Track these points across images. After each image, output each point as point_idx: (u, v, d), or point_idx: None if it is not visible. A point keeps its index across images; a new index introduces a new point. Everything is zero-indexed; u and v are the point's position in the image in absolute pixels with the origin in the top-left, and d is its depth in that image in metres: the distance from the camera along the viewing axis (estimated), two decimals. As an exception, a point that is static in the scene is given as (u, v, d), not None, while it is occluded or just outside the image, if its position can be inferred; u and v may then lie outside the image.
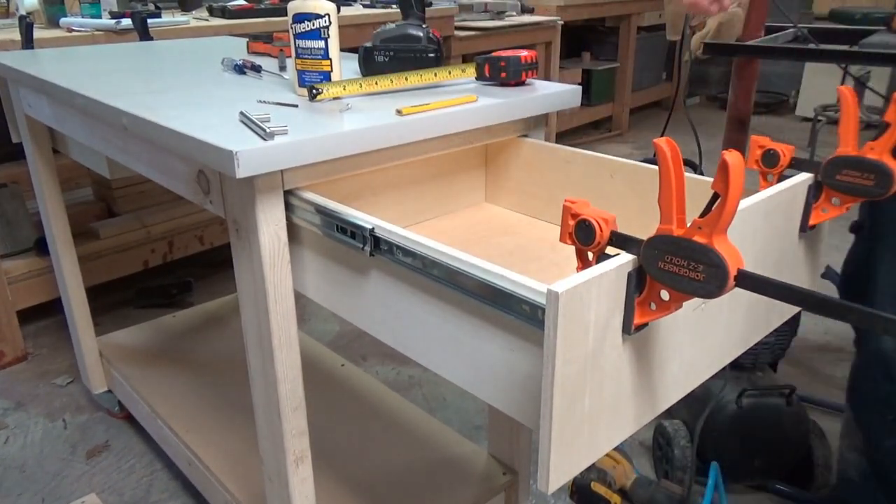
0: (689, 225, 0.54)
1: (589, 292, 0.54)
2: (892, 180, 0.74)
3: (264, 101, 0.97)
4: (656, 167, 0.55)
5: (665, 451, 1.46)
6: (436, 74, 1.04)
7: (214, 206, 0.89)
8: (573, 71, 4.03)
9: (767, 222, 0.74)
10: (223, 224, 2.32)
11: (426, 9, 1.68)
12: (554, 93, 1.04)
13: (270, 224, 0.82)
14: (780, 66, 4.98)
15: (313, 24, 0.94)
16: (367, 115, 0.90)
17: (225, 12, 2.20)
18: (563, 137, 3.95)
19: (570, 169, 1.02)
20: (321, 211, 0.79)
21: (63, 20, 1.92)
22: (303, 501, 0.98)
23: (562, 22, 3.52)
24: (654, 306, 0.57)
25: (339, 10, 0.98)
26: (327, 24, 0.95)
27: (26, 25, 1.59)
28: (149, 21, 1.83)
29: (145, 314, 2.20)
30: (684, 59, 1.83)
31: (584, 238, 0.59)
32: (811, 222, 0.80)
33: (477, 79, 1.09)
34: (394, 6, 2.68)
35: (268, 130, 0.78)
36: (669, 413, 1.57)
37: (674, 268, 0.54)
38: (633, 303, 0.58)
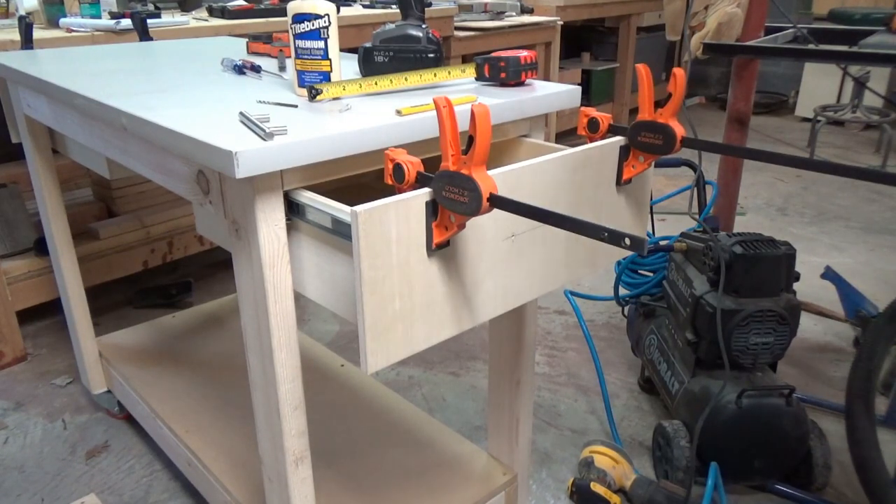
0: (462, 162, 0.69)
1: (387, 214, 0.69)
2: (674, 139, 0.89)
3: (264, 102, 0.97)
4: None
5: (665, 451, 1.46)
6: (435, 75, 1.04)
7: (214, 207, 0.89)
8: (573, 71, 4.03)
9: (578, 174, 0.89)
10: (223, 224, 2.32)
11: (426, 9, 1.68)
12: (553, 93, 1.04)
13: (270, 224, 0.82)
14: (780, 66, 4.98)
15: (313, 25, 0.94)
16: (366, 115, 0.90)
17: (225, 12, 2.20)
18: (562, 137, 3.96)
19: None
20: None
21: (63, 20, 1.92)
22: (302, 501, 0.98)
23: (561, 22, 3.52)
24: (447, 228, 0.74)
25: (338, 11, 0.98)
26: (327, 24, 0.95)
27: (26, 25, 1.59)
28: (148, 21, 1.83)
29: (145, 314, 2.20)
30: (684, 59, 1.82)
31: (398, 177, 0.74)
32: (625, 177, 0.96)
33: (477, 79, 1.09)
34: (394, 6, 2.68)
35: (267, 131, 0.78)
36: (669, 413, 1.57)
37: (451, 195, 0.69)
38: (431, 226, 0.73)
